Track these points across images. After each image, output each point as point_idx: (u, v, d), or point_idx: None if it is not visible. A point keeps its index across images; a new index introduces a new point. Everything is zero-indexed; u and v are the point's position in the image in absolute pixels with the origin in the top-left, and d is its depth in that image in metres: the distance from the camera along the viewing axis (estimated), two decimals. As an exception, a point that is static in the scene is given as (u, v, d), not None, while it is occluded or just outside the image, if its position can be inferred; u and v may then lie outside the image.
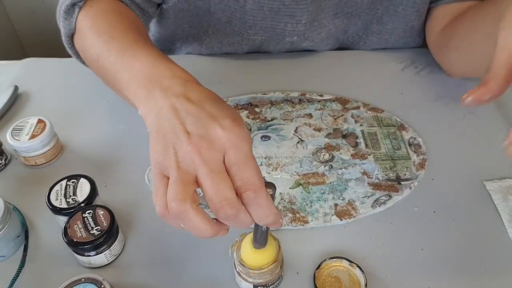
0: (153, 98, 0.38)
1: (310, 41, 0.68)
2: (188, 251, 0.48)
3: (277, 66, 0.70)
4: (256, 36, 0.67)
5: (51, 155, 0.56)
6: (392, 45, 0.72)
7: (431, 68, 0.69)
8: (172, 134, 0.35)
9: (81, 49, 0.54)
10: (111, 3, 0.54)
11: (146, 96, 0.39)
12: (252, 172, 0.34)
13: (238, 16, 0.64)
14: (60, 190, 0.49)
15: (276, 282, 0.44)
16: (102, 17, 0.52)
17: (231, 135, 0.34)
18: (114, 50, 0.46)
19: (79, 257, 0.45)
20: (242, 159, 0.34)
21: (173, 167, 0.34)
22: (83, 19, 0.53)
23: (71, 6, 0.53)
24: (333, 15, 0.65)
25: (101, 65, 0.48)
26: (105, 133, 0.61)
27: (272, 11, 0.62)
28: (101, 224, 0.45)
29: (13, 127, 0.55)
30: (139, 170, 0.55)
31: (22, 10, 1.17)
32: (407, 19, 0.67)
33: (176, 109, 0.36)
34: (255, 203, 0.34)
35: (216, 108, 0.36)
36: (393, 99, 0.64)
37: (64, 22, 0.54)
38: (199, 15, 0.65)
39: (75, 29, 0.54)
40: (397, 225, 0.50)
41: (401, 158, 0.56)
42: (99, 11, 0.53)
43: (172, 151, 0.35)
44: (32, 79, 0.69)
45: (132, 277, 0.46)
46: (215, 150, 0.34)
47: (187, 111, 0.36)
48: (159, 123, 0.37)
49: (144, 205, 0.52)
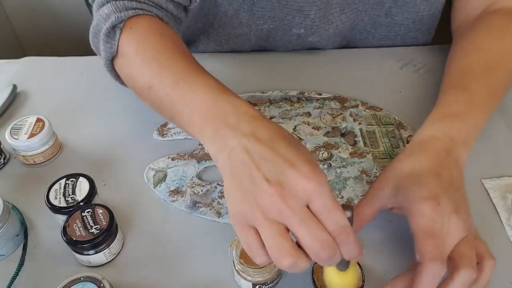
0: (221, 137, 0.38)
1: (317, 36, 0.68)
2: (187, 249, 0.48)
3: (275, 65, 0.70)
4: (264, 25, 0.67)
5: (50, 154, 0.56)
6: (402, 39, 0.71)
7: (430, 66, 0.69)
8: (250, 181, 0.35)
9: (127, 76, 0.52)
10: (150, 22, 0.51)
11: (213, 134, 0.39)
12: (340, 216, 0.35)
13: (246, 8, 0.64)
14: (59, 189, 0.49)
15: (275, 280, 0.44)
16: (145, 41, 0.49)
17: (314, 183, 0.34)
18: (167, 81, 0.45)
19: (78, 256, 0.45)
20: (329, 206, 0.34)
21: (260, 219, 0.34)
22: (127, 43, 0.50)
23: (111, 29, 0.50)
24: (339, 10, 0.65)
25: (154, 96, 0.47)
26: (104, 132, 0.61)
27: (281, 3, 0.63)
28: (100, 223, 0.45)
29: (11, 126, 0.55)
30: (138, 169, 0.55)
31: (20, 9, 1.17)
32: (416, 9, 0.66)
33: (249, 152, 0.36)
34: (347, 243, 0.35)
35: (290, 151, 0.36)
36: (391, 98, 0.64)
37: (105, 46, 0.51)
38: (204, 9, 0.65)
39: (117, 53, 0.51)
40: (395, 223, 0.50)
41: (399, 156, 0.56)
42: (141, 33, 0.50)
43: (253, 201, 0.35)
44: (31, 78, 0.69)
45: (131, 276, 0.46)
46: (299, 199, 0.34)
47: (261, 155, 0.36)
48: (232, 166, 0.36)
49: (143, 203, 0.52)
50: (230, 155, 0.37)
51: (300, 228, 0.34)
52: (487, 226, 0.49)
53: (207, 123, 0.40)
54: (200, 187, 0.53)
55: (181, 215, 0.51)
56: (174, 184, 0.53)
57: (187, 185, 0.53)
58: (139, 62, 0.49)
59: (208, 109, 0.41)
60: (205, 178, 0.54)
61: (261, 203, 0.34)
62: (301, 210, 0.34)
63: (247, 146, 0.36)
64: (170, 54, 0.48)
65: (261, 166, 0.35)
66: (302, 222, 0.34)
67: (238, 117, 0.38)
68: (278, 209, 0.34)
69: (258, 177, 0.35)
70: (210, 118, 0.40)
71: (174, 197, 0.52)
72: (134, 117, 0.62)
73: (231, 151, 0.37)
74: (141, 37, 0.50)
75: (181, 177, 0.54)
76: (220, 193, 0.52)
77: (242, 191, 0.35)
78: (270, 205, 0.34)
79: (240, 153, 0.36)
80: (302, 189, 0.34)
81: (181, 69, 0.46)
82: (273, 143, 0.36)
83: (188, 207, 0.51)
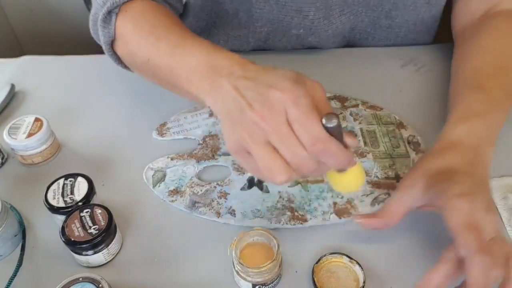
0: (217, 87, 0.40)
1: (316, 36, 0.68)
2: (187, 249, 0.48)
3: (275, 65, 0.70)
4: (262, 28, 0.66)
5: (48, 153, 0.56)
6: (402, 40, 0.71)
7: (431, 66, 0.69)
8: (239, 112, 0.37)
9: (126, 54, 0.54)
10: (144, 4, 0.54)
11: (210, 86, 0.41)
12: (314, 126, 0.36)
13: (245, 8, 0.64)
14: (58, 189, 0.48)
15: (274, 281, 0.44)
16: (141, 19, 0.52)
17: (288, 95, 0.36)
18: (164, 50, 0.47)
19: (77, 256, 0.45)
20: (303, 117, 0.36)
21: (250, 143, 0.37)
22: (123, 25, 0.52)
23: (107, 14, 0.53)
24: (339, 11, 0.65)
25: (153, 66, 0.49)
26: (102, 131, 0.60)
27: (279, 4, 0.62)
28: (98, 223, 0.45)
29: (9, 126, 0.55)
30: (136, 168, 0.55)
31: (19, 8, 1.16)
32: (417, 11, 0.66)
33: (237, 88, 0.38)
34: (326, 153, 0.37)
35: (272, 75, 0.38)
36: (392, 97, 0.64)
37: (103, 31, 0.54)
38: (208, 6, 0.65)
39: (115, 36, 0.54)
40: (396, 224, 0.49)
41: (400, 156, 0.56)
42: (136, 14, 0.52)
43: (241, 128, 0.37)
44: (29, 77, 0.69)
45: (130, 276, 0.46)
46: (278, 114, 0.36)
47: (245, 87, 0.38)
48: (226, 107, 0.39)
49: (142, 203, 0.52)
50: (223, 101, 0.39)
51: (280, 145, 0.36)
52: (488, 226, 0.49)
53: (204, 79, 0.42)
54: (199, 187, 0.53)
55: (181, 215, 0.51)
56: (173, 184, 0.53)
57: (186, 185, 0.53)
58: (136, 39, 0.51)
59: (204, 67, 0.43)
60: (205, 178, 0.54)
61: (247, 128, 0.37)
62: (281, 127, 0.36)
63: (236, 85, 0.39)
64: (166, 27, 0.50)
65: (245, 96, 0.37)
66: (281, 139, 0.36)
67: (233, 68, 0.41)
68: (261, 129, 0.36)
69: (243, 105, 0.37)
70: (206, 74, 0.42)
71: (173, 197, 0.52)
72: (133, 116, 0.62)
73: (223, 97, 0.39)
74: (137, 17, 0.52)
75: (180, 177, 0.54)
76: (219, 193, 0.52)
77: (232, 123, 0.38)
78: (254, 128, 0.36)
79: (230, 94, 0.38)
80: (277, 103, 0.36)
81: (177, 38, 0.48)
82: (258, 74, 0.39)
83: (187, 207, 0.51)
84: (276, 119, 0.36)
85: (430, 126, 0.60)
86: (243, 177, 0.54)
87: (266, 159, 0.36)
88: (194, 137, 0.59)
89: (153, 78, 0.52)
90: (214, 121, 0.60)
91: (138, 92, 0.65)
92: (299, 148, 0.36)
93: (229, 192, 0.52)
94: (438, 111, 0.62)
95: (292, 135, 0.36)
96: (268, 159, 0.36)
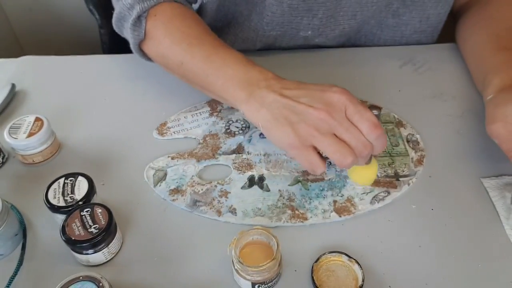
0: (257, 97, 0.47)
1: (324, 37, 0.68)
2: (187, 248, 0.48)
3: (274, 64, 0.70)
4: (271, 32, 0.67)
5: (48, 153, 0.56)
6: (407, 40, 0.71)
7: (430, 65, 0.69)
8: (296, 114, 0.45)
9: (157, 55, 0.59)
10: (172, 8, 0.58)
11: (248, 96, 0.48)
12: (371, 114, 0.45)
13: (258, 11, 0.64)
14: (58, 188, 0.48)
15: (274, 279, 0.44)
16: (171, 24, 0.57)
17: (345, 95, 0.45)
18: (198, 57, 0.53)
19: (77, 255, 0.45)
20: (361, 109, 0.45)
21: (317, 135, 0.44)
22: (153, 28, 0.57)
23: (137, 19, 0.57)
24: (351, 15, 0.65)
25: (186, 70, 0.55)
26: (102, 131, 0.61)
27: (291, 7, 0.63)
28: (99, 222, 0.45)
29: (10, 125, 0.55)
30: (137, 168, 0.55)
31: (19, 8, 1.16)
32: (424, 7, 0.67)
33: (286, 96, 0.46)
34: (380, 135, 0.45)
35: (316, 85, 0.47)
36: (391, 96, 0.64)
37: (133, 34, 0.58)
38: (225, 7, 0.66)
39: (145, 37, 0.58)
40: (395, 222, 0.50)
41: (399, 154, 0.56)
42: (166, 18, 0.57)
43: (305, 125, 0.45)
44: (30, 77, 0.69)
45: (130, 275, 0.46)
46: (340, 110, 0.45)
47: (295, 95, 0.46)
48: (273, 113, 0.46)
49: (142, 203, 0.52)
50: (269, 108, 0.46)
51: (347, 134, 0.44)
52: (486, 225, 0.49)
53: (241, 90, 0.49)
54: (200, 186, 0.53)
55: (181, 214, 0.51)
56: (174, 183, 0.53)
57: (187, 184, 0.53)
58: (168, 44, 0.56)
59: (240, 79, 0.49)
60: (205, 177, 0.54)
61: (313, 123, 0.44)
62: (345, 121, 0.45)
63: (283, 93, 0.47)
64: (196, 34, 0.56)
65: (300, 101, 0.46)
66: (347, 130, 0.44)
67: (269, 81, 0.48)
68: (328, 123, 0.44)
69: (302, 108, 0.45)
70: (243, 85, 0.49)
71: (174, 196, 0.52)
72: (134, 116, 0.62)
73: (270, 103, 0.46)
74: (166, 22, 0.57)
75: (181, 176, 0.54)
76: (220, 192, 0.52)
77: (290, 124, 0.45)
78: (321, 122, 0.44)
79: (279, 101, 0.46)
80: (338, 101, 0.45)
81: (210, 46, 0.54)
82: (300, 86, 0.48)
83: (188, 206, 0.51)
84: (339, 114, 0.45)
85: (429, 125, 0.60)
86: (243, 176, 0.54)
87: (336, 146, 0.44)
88: (194, 136, 0.59)
89: (184, 79, 0.57)
90: (214, 121, 0.61)
91: (138, 92, 0.66)
92: (360, 135, 0.45)
93: (229, 191, 0.52)
94: (437, 110, 0.62)
95: (355, 127, 0.45)
96: (338, 145, 0.44)
